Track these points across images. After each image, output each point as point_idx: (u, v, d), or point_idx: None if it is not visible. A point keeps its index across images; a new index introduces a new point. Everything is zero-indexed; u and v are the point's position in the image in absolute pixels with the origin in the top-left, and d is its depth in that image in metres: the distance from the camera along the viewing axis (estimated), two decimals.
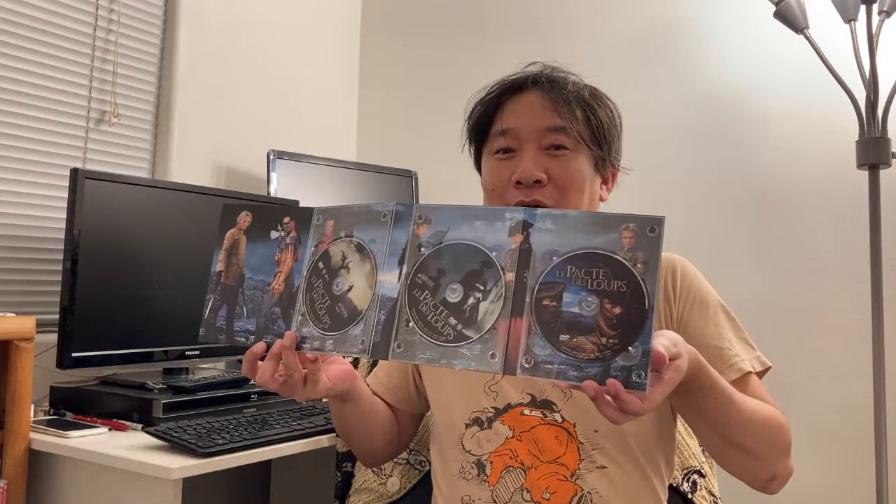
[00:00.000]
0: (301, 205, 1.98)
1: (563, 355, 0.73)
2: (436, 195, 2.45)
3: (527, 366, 0.74)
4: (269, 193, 2.09)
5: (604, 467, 0.99)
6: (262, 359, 0.90)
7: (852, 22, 1.72)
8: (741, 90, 2.06)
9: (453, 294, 0.80)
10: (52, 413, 1.59)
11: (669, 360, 0.75)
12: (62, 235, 1.55)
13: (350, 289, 0.85)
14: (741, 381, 0.97)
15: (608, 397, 0.72)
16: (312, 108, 2.50)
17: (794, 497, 1.90)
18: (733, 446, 0.92)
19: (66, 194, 1.55)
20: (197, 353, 1.73)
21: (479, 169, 1.13)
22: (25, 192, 1.76)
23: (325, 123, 2.55)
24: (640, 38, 2.21)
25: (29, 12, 1.77)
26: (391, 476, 1.42)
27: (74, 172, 1.53)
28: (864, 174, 1.72)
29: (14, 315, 1.44)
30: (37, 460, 1.42)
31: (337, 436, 1.47)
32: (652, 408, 0.73)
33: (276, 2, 2.38)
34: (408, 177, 2.41)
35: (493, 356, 0.76)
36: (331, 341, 0.85)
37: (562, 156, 1.01)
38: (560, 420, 1.01)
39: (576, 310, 0.74)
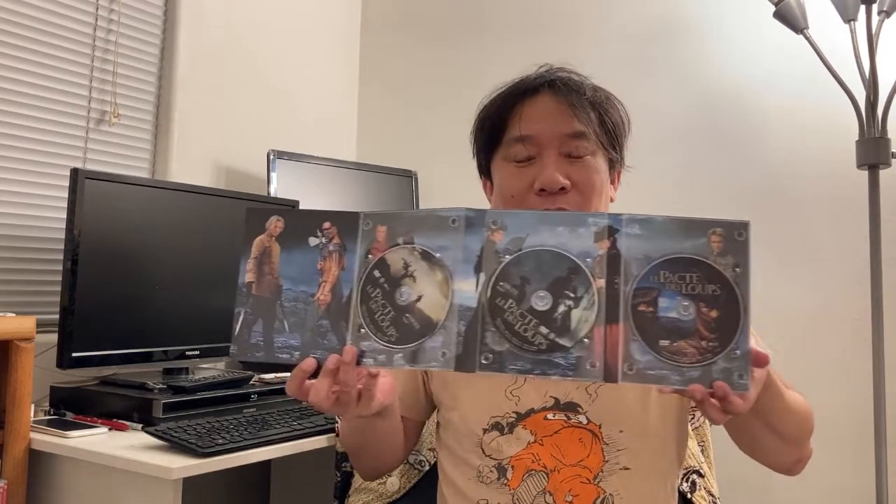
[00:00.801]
0: (301, 205, 1.98)
1: (664, 360, 0.74)
2: (436, 195, 2.45)
3: (629, 373, 0.74)
4: (269, 193, 2.09)
5: (626, 469, 0.99)
6: (310, 376, 0.84)
7: (852, 22, 1.72)
8: (741, 90, 2.06)
9: (541, 302, 0.78)
10: (52, 413, 1.59)
11: None
12: (62, 235, 1.55)
13: (419, 298, 0.81)
14: None
15: (713, 400, 0.74)
16: (312, 108, 2.50)
17: (795, 497, 1.91)
18: (776, 434, 0.94)
19: (66, 194, 1.55)
20: (197, 353, 1.73)
21: (483, 173, 1.11)
22: (25, 192, 1.76)
23: (325, 123, 2.55)
24: (641, 38, 2.21)
25: (29, 12, 1.77)
26: (391, 476, 1.42)
27: (74, 172, 1.53)
28: (864, 174, 1.72)
29: (14, 315, 1.44)
30: (37, 460, 1.42)
31: (338, 435, 1.47)
32: (750, 406, 0.76)
33: (276, 2, 2.38)
34: (408, 177, 2.41)
35: (592, 364, 0.75)
36: (400, 355, 0.79)
37: (582, 161, 1.00)
38: (585, 422, 1.00)
39: (673, 315, 0.75)
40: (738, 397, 0.74)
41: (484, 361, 0.77)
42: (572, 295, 0.77)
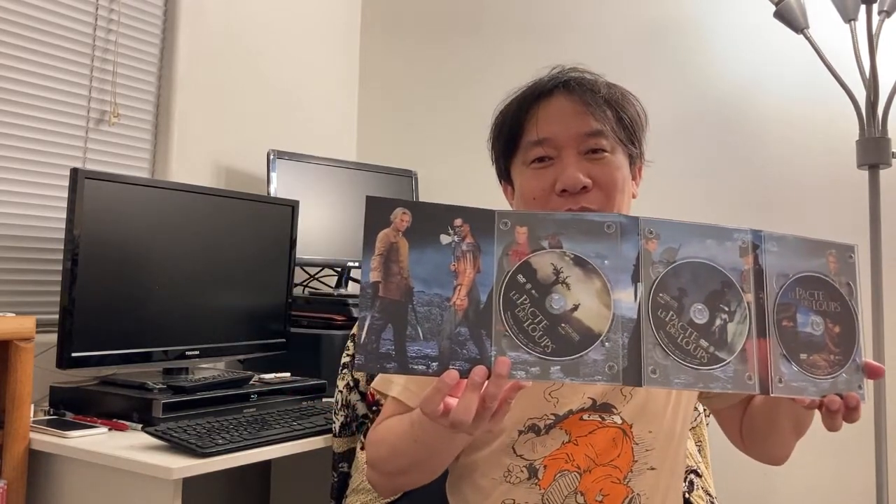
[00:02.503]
0: (301, 206, 1.99)
1: (804, 373, 0.79)
2: (436, 195, 2.45)
3: (780, 385, 0.78)
4: (268, 193, 2.09)
5: (653, 469, 1.01)
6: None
7: (852, 22, 1.72)
8: (741, 90, 2.06)
9: (700, 315, 0.79)
10: (52, 413, 1.59)
11: None
12: (62, 235, 1.55)
13: (576, 307, 0.77)
14: None
15: (842, 409, 0.80)
16: (312, 108, 2.50)
17: (795, 497, 1.91)
18: (795, 430, 0.99)
19: (66, 194, 1.55)
20: (197, 353, 1.73)
21: (503, 178, 1.10)
22: (25, 192, 1.76)
23: (325, 123, 2.55)
24: (641, 38, 2.21)
25: (29, 12, 1.77)
26: None
27: (74, 172, 1.53)
28: (864, 174, 1.72)
29: (14, 315, 1.44)
30: (37, 460, 1.42)
31: (335, 435, 1.47)
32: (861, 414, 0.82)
33: (276, 2, 2.38)
34: (408, 177, 2.41)
35: (749, 378, 0.78)
36: (557, 367, 0.75)
37: (602, 159, 1.00)
38: (619, 422, 1.01)
39: (809, 329, 0.81)
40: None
41: (652, 375, 0.76)
42: (727, 309, 0.79)
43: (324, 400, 1.80)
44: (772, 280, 0.80)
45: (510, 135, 1.05)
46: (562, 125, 1.00)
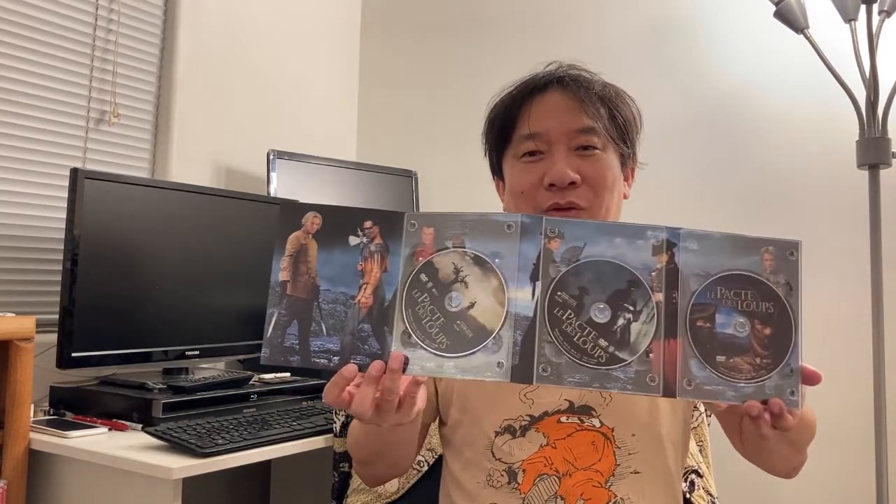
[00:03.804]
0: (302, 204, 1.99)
1: (720, 376, 0.75)
2: (435, 195, 2.45)
3: (688, 388, 0.75)
4: (269, 193, 2.09)
5: (637, 473, 0.99)
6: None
7: (852, 22, 1.72)
8: (741, 90, 2.06)
9: (601, 314, 0.77)
10: (52, 413, 1.59)
11: None
12: (62, 235, 1.55)
13: (472, 305, 0.78)
14: None
15: (766, 416, 0.75)
16: (312, 108, 2.50)
17: (794, 496, 1.91)
18: (789, 443, 0.94)
19: (66, 194, 1.55)
20: (197, 353, 1.73)
21: (495, 173, 1.10)
22: (25, 192, 1.76)
23: (325, 123, 2.55)
24: (641, 38, 2.21)
25: (29, 12, 1.77)
26: None
27: (74, 172, 1.53)
28: (864, 174, 1.72)
29: (14, 315, 1.44)
30: (37, 460, 1.42)
31: (336, 435, 1.47)
32: (797, 422, 0.77)
33: (276, 2, 2.38)
34: (408, 177, 2.41)
35: (651, 379, 0.75)
36: (451, 363, 0.77)
37: (592, 156, 1.00)
38: (598, 425, 1.00)
39: (730, 331, 0.76)
40: (789, 414, 0.75)
41: (542, 373, 0.76)
42: (632, 308, 0.77)
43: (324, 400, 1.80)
44: (688, 279, 0.77)
45: (502, 128, 1.05)
46: (554, 120, 1.00)
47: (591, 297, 0.77)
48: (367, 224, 0.81)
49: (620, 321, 0.77)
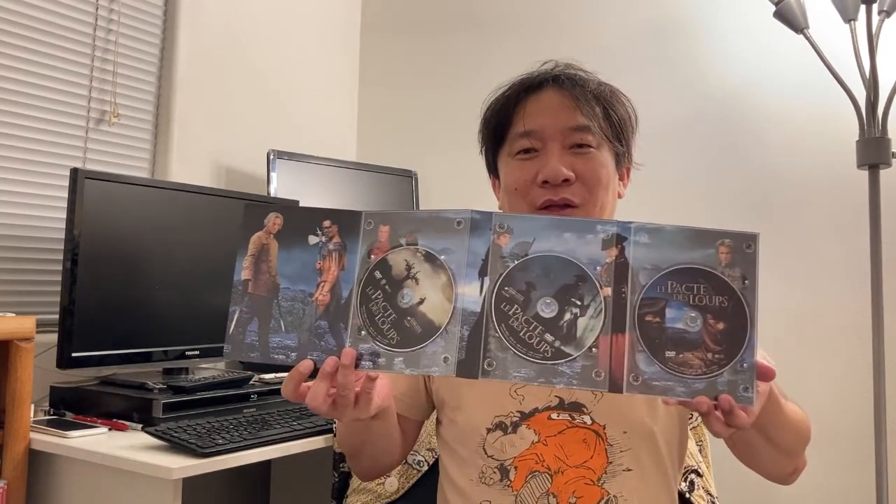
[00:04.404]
0: (301, 204, 1.99)
1: (669, 372, 0.74)
2: (436, 195, 2.45)
3: (634, 383, 0.74)
4: (268, 193, 2.09)
5: (629, 470, 0.99)
6: (306, 378, 0.82)
7: (852, 22, 1.72)
8: (741, 90, 2.06)
9: (547, 309, 0.77)
10: (52, 413, 1.59)
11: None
12: (62, 235, 1.55)
13: (421, 301, 0.79)
14: None
15: (717, 413, 0.74)
16: (312, 108, 2.50)
17: (794, 497, 1.91)
18: (774, 446, 0.94)
19: (66, 194, 1.55)
20: (197, 353, 1.73)
21: (491, 171, 1.11)
22: (25, 192, 1.76)
23: (325, 123, 2.55)
24: (640, 38, 2.21)
25: (29, 12, 1.77)
26: (389, 476, 1.42)
27: (74, 172, 1.53)
28: (864, 174, 1.72)
29: (14, 315, 1.44)
30: (37, 460, 1.42)
31: (334, 436, 1.47)
32: (753, 420, 0.75)
33: (276, 2, 2.38)
34: (408, 177, 2.41)
35: (597, 374, 0.74)
36: (401, 359, 0.78)
37: (587, 153, 1.00)
38: (590, 422, 1.00)
39: (680, 326, 0.75)
40: (743, 410, 0.73)
41: (487, 368, 0.76)
42: (579, 303, 0.76)
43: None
44: (638, 273, 0.76)
45: (498, 126, 1.06)
46: (549, 118, 1.01)
47: (538, 293, 0.78)
48: (326, 223, 0.83)
49: (567, 316, 0.76)
